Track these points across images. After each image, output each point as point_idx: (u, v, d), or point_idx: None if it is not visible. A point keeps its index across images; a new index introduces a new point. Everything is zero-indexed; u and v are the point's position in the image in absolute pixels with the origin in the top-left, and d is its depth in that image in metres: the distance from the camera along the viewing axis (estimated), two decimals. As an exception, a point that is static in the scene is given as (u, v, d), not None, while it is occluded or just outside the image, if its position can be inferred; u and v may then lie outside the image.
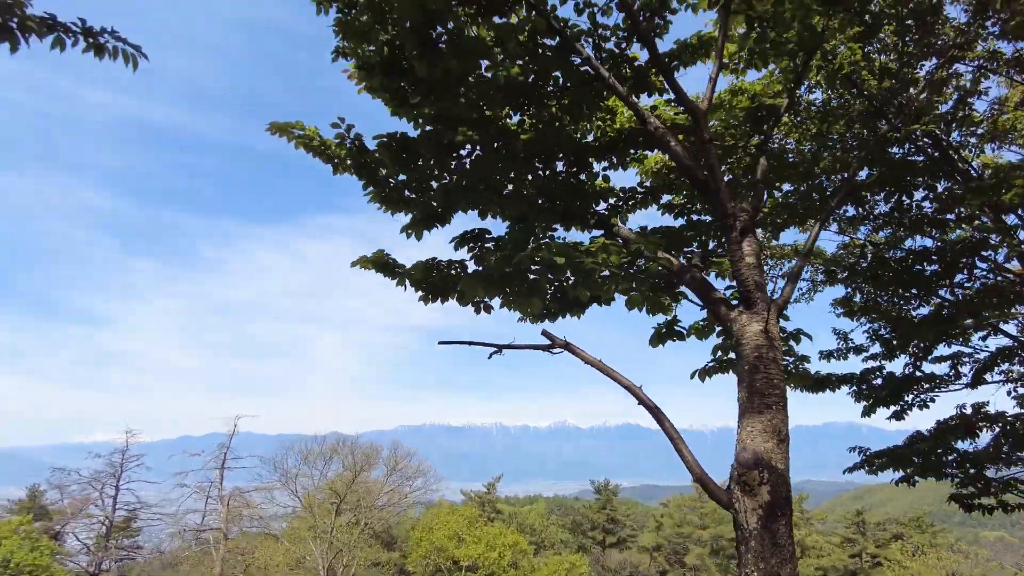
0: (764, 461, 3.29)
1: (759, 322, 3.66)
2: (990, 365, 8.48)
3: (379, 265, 7.43)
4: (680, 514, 51.24)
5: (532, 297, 5.25)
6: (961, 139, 9.09)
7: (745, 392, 3.60)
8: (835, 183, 7.09)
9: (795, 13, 4.63)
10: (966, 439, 8.22)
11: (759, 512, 3.22)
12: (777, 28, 4.79)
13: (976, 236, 7.21)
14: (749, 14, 4.71)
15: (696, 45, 6.52)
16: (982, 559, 25.09)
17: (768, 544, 3.16)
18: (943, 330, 7.68)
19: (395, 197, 7.37)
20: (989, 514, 8.26)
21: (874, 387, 8.85)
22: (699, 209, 7.46)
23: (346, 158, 7.41)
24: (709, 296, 4.24)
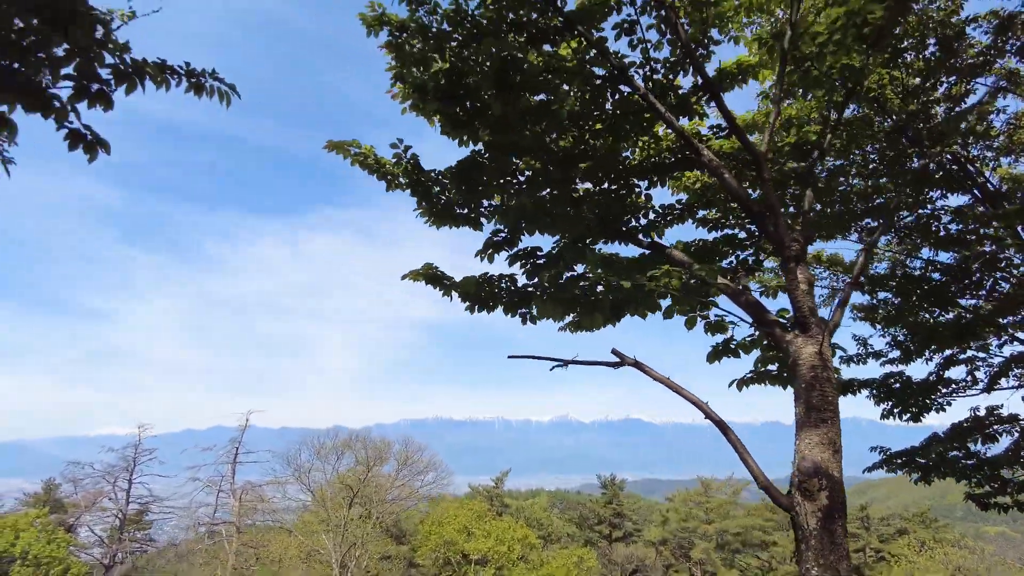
0: (822, 470, 3.75)
1: (814, 344, 4.12)
2: (1005, 371, 8.95)
3: (429, 278, 7.89)
4: (685, 508, 51.79)
5: (595, 313, 5.69)
6: (979, 152, 9.50)
7: (802, 407, 4.06)
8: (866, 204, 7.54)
9: (837, 56, 5.05)
10: (984, 443, 8.68)
11: (818, 515, 3.68)
12: (819, 66, 5.21)
13: (997, 251, 7.63)
14: (795, 54, 5.12)
15: (735, 72, 6.97)
16: (987, 554, 25.61)
17: (827, 543, 3.62)
18: (963, 338, 8.13)
19: (445, 213, 7.82)
20: (1004, 512, 8.77)
21: (894, 391, 9.31)
22: (732, 223, 7.90)
23: (400, 176, 7.86)
24: (764, 318, 4.69)
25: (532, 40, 6.78)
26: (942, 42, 7.72)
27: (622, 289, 4.94)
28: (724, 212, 7.78)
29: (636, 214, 7.32)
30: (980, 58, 8.13)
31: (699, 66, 5.98)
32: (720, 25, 6.52)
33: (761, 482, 4.12)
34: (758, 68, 6.94)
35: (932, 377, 9.21)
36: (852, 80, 5.14)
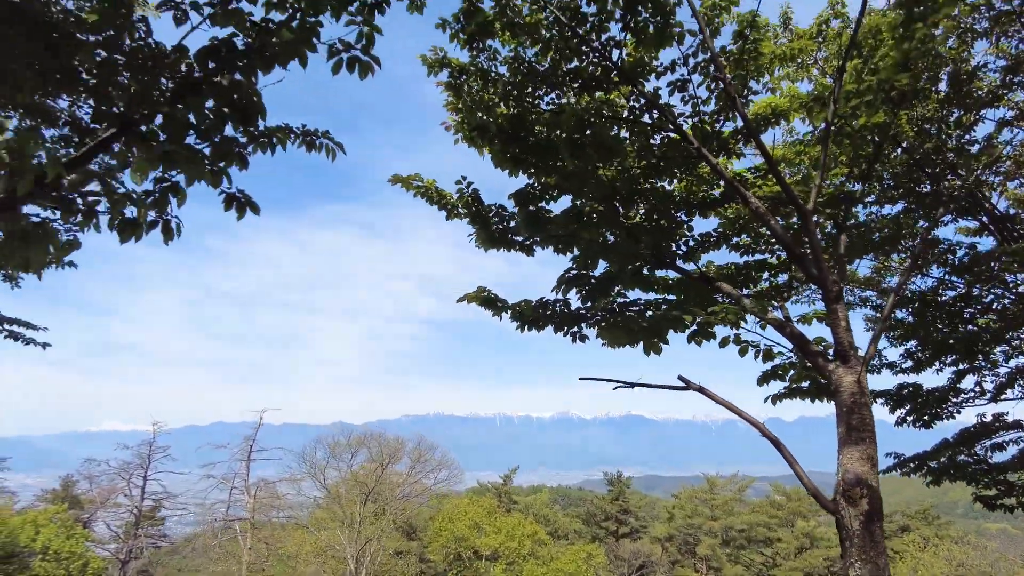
0: (863, 480, 4.54)
1: (853, 375, 4.91)
2: (1011, 382, 9.76)
3: (483, 300, 8.72)
4: (691, 505, 52.63)
5: (654, 338, 6.48)
6: (986, 178, 10.26)
7: (844, 428, 4.85)
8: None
9: (868, 115, 5.83)
10: (992, 450, 9.50)
11: (860, 518, 4.48)
12: (851, 124, 5.99)
13: (1004, 274, 8.42)
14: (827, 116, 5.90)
15: (770, 115, 7.75)
16: (989, 551, 26.47)
17: (868, 541, 4.41)
18: (972, 352, 8.93)
19: (500, 240, 8.62)
20: (1010, 512, 9.61)
21: (907, 400, 10.12)
22: (763, 249, 8.70)
23: (459, 206, 8.67)
24: (808, 349, 5.49)
25: (586, 87, 7.58)
26: (953, 79, 8.46)
27: (681, 322, 5.74)
28: (755, 238, 8.57)
29: (678, 241, 8.13)
30: (989, 96, 8.89)
31: (742, 113, 6.75)
32: (758, 74, 7.30)
33: (811, 489, 4.92)
34: (790, 112, 7.74)
35: (944, 387, 10.02)
36: (880, 135, 5.92)
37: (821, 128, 7.53)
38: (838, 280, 5.33)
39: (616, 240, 6.92)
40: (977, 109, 9.15)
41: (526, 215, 7.05)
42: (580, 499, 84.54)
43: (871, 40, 6.71)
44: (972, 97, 9.05)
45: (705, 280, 6.85)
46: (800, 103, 7.37)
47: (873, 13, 7.23)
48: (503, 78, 7.84)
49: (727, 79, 6.25)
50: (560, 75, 7.54)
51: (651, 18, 6.59)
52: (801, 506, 49.01)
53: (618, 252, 6.89)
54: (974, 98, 9.28)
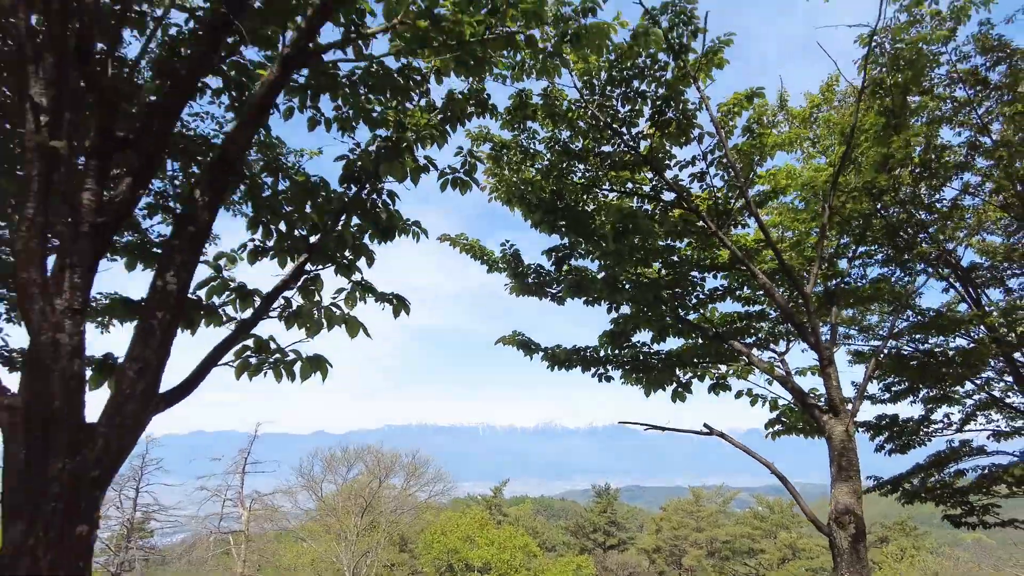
0: (851, 510, 5.91)
1: (843, 424, 6.29)
2: (973, 414, 11.28)
3: (519, 343, 10.03)
4: (677, 517, 53.97)
5: (665, 381, 7.85)
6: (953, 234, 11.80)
7: (835, 468, 6.23)
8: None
9: (854, 206, 7.27)
10: (955, 477, 11.02)
11: (848, 539, 5.84)
12: (842, 213, 7.42)
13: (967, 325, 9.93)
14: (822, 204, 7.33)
15: (772, 193, 9.20)
16: (962, 562, 28.18)
17: (855, 557, 5.77)
18: (941, 379, 10.40)
19: (533, 290, 9.96)
20: (972, 529, 11.08)
21: (883, 428, 11.60)
22: (760, 300, 10.13)
23: (499, 262, 10.00)
24: (806, 401, 6.87)
25: (614, 166, 8.97)
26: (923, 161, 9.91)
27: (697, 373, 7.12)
28: (754, 290, 10.00)
29: (691, 294, 9.55)
30: (955, 169, 10.41)
31: (746, 194, 8.16)
32: (762, 159, 8.74)
33: (809, 515, 6.28)
34: (787, 189, 9.20)
35: (919, 418, 11.52)
36: (864, 224, 7.34)
37: (813, 204, 9.03)
38: (830, 347, 6.73)
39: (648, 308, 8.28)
40: (946, 179, 10.66)
41: (570, 283, 8.39)
42: (563, 510, 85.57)
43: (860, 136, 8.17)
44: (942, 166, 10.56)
45: (719, 338, 8.23)
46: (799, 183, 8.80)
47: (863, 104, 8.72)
48: (541, 155, 9.21)
49: (737, 171, 7.64)
50: (592, 157, 8.93)
51: (676, 117, 7.98)
52: (784, 518, 50.71)
53: (650, 321, 8.25)
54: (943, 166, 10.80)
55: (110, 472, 3.18)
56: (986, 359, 10.06)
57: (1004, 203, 10.31)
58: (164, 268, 3.43)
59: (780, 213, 10.03)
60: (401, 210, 5.29)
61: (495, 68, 6.03)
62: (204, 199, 3.61)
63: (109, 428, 3.11)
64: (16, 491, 3.01)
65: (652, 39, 6.41)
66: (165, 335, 3.31)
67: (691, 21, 7.58)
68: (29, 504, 2.95)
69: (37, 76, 3.28)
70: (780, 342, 9.15)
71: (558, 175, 8.71)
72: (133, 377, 3.17)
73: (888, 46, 7.44)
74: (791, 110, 10.11)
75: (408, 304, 4.86)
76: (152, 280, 3.46)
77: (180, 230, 3.54)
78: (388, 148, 4.99)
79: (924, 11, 8.68)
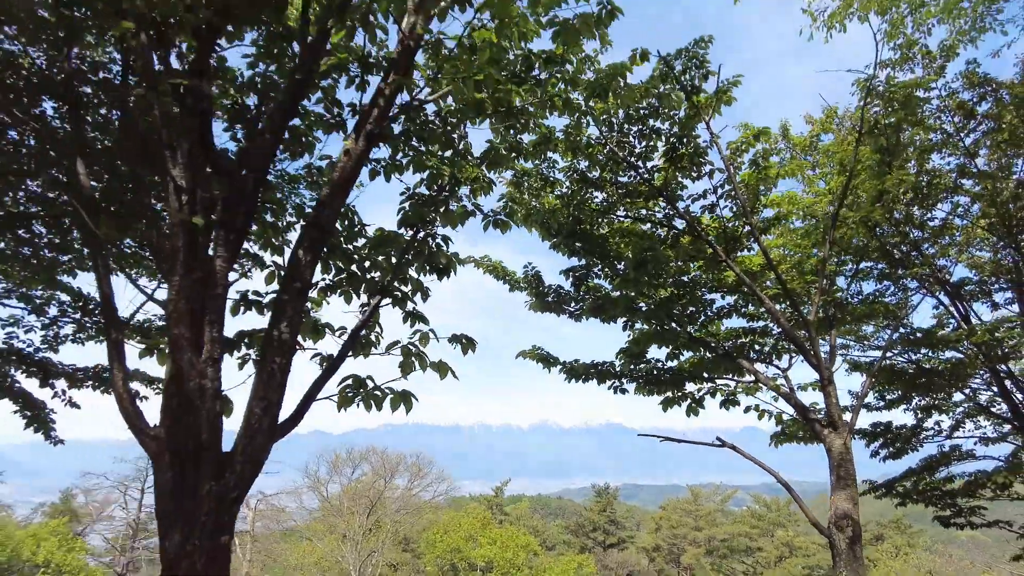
0: (848, 514, 6.65)
1: (841, 438, 7.02)
2: (962, 421, 12.06)
3: (539, 358, 10.72)
4: (676, 516, 54.81)
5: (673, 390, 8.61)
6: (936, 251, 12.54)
7: (835, 477, 6.96)
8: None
9: (851, 235, 8.00)
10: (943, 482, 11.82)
11: (846, 541, 6.58)
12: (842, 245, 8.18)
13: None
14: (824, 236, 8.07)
15: (775, 219, 9.93)
16: (956, 559, 29.06)
17: (852, 557, 6.52)
18: (933, 387, 11.17)
19: (552, 307, 10.67)
20: (961, 529, 11.88)
21: (878, 435, 12.37)
22: (763, 316, 10.87)
23: (521, 282, 10.70)
24: (808, 416, 7.60)
25: (629, 195, 9.69)
26: (915, 186, 10.64)
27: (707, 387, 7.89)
28: (757, 310, 10.74)
29: (702, 313, 10.29)
30: (945, 192, 11.16)
31: (752, 223, 8.89)
32: (767, 187, 9.48)
33: (811, 519, 7.01)
34: (789, 214, 9.94)
35: (912, 425, 12.30)
36: (859, 254, 8.08)
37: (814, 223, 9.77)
38: (829, 366, 7.46)
39: (661, 326, 9.03)
40: (937, 200, 11.41)
41: (592, 305, 9.10)
42: (560, 508, 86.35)
43: (858, 166, 8.90)
44: (933, 189, 11.32)
45: (729, 357, 8.97)
46: (801, 206, 9.53)
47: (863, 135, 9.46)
48: (560, 182, 9.91)
49: (744, 202, 8.38)
50: (609, 185, 9.64)
51: (688, 152, 8.70)
52: (781, 516, 51.61)
53: (664, 338, 8.99)
54: (934, 189, 11.56)
55: (244, 493, 3.87)
56: (973, 372, 10.84)
57: (990, 225, 11.07)
58: (277, 320, 4.13)
59: (782, 235, 10.77)
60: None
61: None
62: (306, 259, 4.30)
63: (244, 456, 3.81)
64: (169, 508, 3.71)
65: (674, 100, 7.12)
66: (283, 377, 4.01)
67: (703, 65, 8.32)
68: (184, 518, 3.64)
69: (175, 161, 3.97)
70: (783, 357, 9.90)
71: (578, 203, 9.42)
72: (259, 414, 3.87)
73: (882, 89, 8.16)
74: (792, 138, 10.86)
75: (475, 343, 5.52)
76: (267, 330, 4.15)
77: (287, 286, 4.24)
78: (444, 199, 5.69)
79: (916, 51, 9.43)
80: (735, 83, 8.52)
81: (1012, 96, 10.24)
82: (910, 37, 9.23)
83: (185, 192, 3.90)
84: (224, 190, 4.15)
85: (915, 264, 10.30)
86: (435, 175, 5.82)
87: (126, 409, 4.01)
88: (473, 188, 5.86)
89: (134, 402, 4.04)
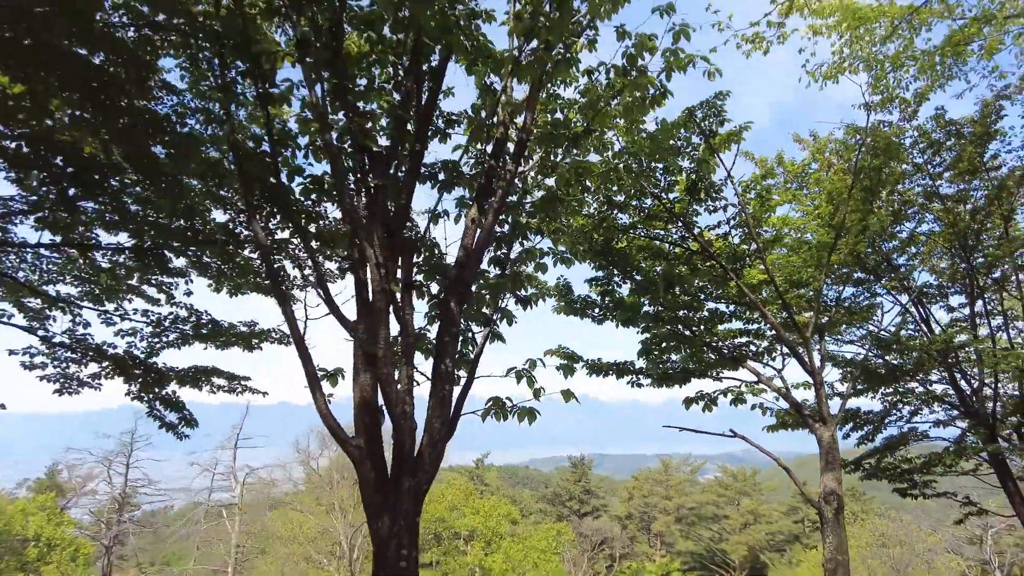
0: (834, 492, 8.52)
1: (830, 431, 8.86)
2: (919, 408, 14.22)
3: (564, 356, 12.31)
4: (648, 486, 57.77)
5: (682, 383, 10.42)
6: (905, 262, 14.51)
7: (824, 461, 8.82)
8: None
9: (837, 260, 9.80)
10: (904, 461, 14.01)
11: (832, 511, 8.45)
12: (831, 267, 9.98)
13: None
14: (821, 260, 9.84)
15: (775, 238, 11.65)
16: (905, 523, 32.20)
17: (836, 524, 8.41)
18: (895, 379, 13.24)
19: (578, 311, 12.26)
20: (915, 499, 14.11)
21: (849, 419, 14.49)
22: (758, 320, 12.67)
23: (552, 291, 12.25)
24: (800, 411, 9.44)
25: (650, 217, 11.27)
26: (888, 203, 12.48)
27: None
28: (756, 316, 12.53)
29: (705, 321, 12.04)
30: (915, 211, 13.06)
31: (759, 245, 10.60)
32: (770, 211, 11.18)
33: (806, 496, 8.89)
34: (784, 237, 11.68)
35: (880, 411, 14.44)
36: (845, 277, 9.89)
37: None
38: (820, 372, 9.28)
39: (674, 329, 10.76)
40: (905, 218, 13.32)
41: (622, 317, 10.74)
42: (527, 478, 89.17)
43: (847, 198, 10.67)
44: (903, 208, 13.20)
45: (736, 360, 10.76)
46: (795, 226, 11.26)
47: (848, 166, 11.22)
48: (588, 203, 11.43)
49: (752, 229, 10.09)
50: (632, 208, 11.22)
51: (704, 186, 10.31)
52: (746, 486, 54.93)
53: (681, 339, 10.72)
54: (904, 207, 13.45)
55: (429, 486, 5.42)
56: (931, 368, 12.93)
57: (948, 241, 13.04)
58: (441, 357, 5.63)
59: (779, 257, 12.56)
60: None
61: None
62: (457, 310, 5.80)
63: (429, 460, 5.36)
64: (375, 499, 5.23)
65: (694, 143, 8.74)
66: (450, 400, 5.54)
67: (720, 114, 9.90)
68: (390, 508, 5.16)
69: (372, 241, 5.40)
70: (778, 359, 11.73)
71: (608, 226, 10.98)
72: (438, 427, 5.40)
73: (869, 140, 9.91)
74: (787, 165, 12.56)
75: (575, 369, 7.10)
76: (434, 366, 5.65)
77: (445, 331, 5.74)
78: (533, 249, 7.23)
79: (896, 100, 11.16)
80: (746, 127, 10.14)
81: (972, 134, 12.10)
82: (891, 88, 10.95)
83: (381, 265, 5.33)
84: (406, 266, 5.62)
85: (887, 271, 12.24)
86: (523, 226, 7.34)
87: (330, 425, 5.49)
88: (556, 243, 7.42)
89: (335, 419, 5.49)
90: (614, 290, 11.51)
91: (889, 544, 30.81)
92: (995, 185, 11.85)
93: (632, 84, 6.11)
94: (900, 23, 10.64)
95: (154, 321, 8.81)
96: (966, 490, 15.08)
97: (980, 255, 13.08)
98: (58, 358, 8.88)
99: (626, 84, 6.24)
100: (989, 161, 12.19)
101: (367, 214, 5.39)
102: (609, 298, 11.40)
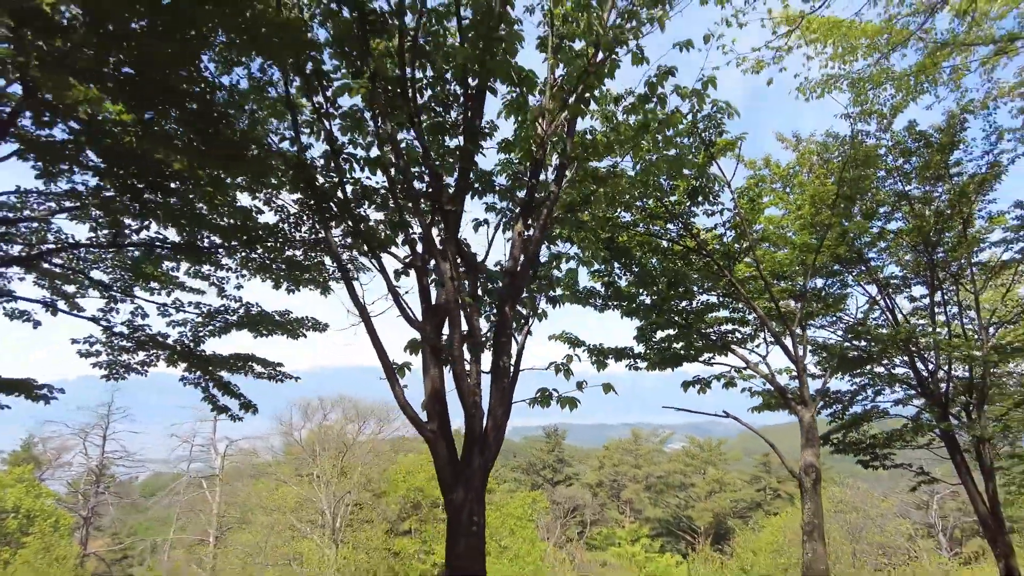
0: (813, 465, 9.89)
1: (809, 412, 10.21)
2: (882, 389, 15.83)
3: (568, 340, 13.42)
4: (618, 455, 60.03)
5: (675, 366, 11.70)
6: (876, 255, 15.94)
7: (804, 439, 10.17)
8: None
9: (820, 260, 11.08)
10: (870, 437, 15.67)
11: (811, 483, 9.83)
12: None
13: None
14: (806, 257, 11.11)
15: (762, 237, 12.87)
16: (861, 491, 34.70)
17: (813, 494, 9.80)
18: (863, 363, 14.82)
19: (582, 300, 13.35)
20: (875, 470, 15.84)
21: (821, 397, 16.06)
22: (743, 310, 13.96)
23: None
24: (784, 394, 10.76)
25: (650, 216, 12.36)
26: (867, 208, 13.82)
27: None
28: (740, 305, 13.81)
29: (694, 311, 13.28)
30: (885, 208, 14.43)
31: (747, 240, 11.80)
32: (760, 213, 12.37)
33: (789, 469, 10.25)
34: (772, 234, 12.92)
35: (850, 391, 16.06)
36: (821, 270, 11.19)
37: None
38: (802, 359, 10.59)
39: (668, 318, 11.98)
40: (876, 216, 14.70)
41: (626, 309, 11.87)
42: (529, 452, 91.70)
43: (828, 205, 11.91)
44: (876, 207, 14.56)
45: (726, 347, 12.03)
46: (777, 226, 12.52)
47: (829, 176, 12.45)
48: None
49: (745, 230, 11.28)
50: (635, 207, 12.27)
51: (703, 191, 11.42)
52: (712, 456, 57.53)
53: (669, 326, 11.94)
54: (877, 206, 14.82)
55: (492, 464, 6.49)
56: (895, 354, 14.48)
57: (912, 237, 14.47)
58: (498, 355, 6.67)
59: (765, 253, 13.82)
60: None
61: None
62: (511, 313, 6.82)
63: (493, 441, 6.43)
64: (449, 475, 6.29)
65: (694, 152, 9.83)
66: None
67: (719, 126, 10.97)
68: (463, 481, 6.23)
69: (447, 258, 6.37)
70: (762, 346, 13.07)
71: (613, 225, 12.04)
72: (500, 415, 6.46)
73: (850, 151, 11.13)
74: (774, 167, 13.75)
75: (607, 363, 8.21)
76: (493, 362, 6.68)
77: (502, 331, 6.76)
78: (556, 255, 8.26)
79: (874, 114, 12.39)
80: (741, 138, 11.24)
81: (938, 142, 13.44)
82: (872, 102, 12.18)
83: (453, 280, 6.30)
84: (472, 282, 6.62)
85: (858, 263, 13.66)
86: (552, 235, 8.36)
87: (409, 415, 6.51)
88: (586, 258, 8.49)
89: (412, 409, 6.49)
90: (615, 281, 12.63)
91: (846, 510, 33.29)
92: (957, 190, 13.25)
93: (664, 122, 7.14)
94: (878, 39, 11.84)
95: (206, 312, 9.63)
96: (918, 461, 16.89)
97: (941, 251, 14.55)
98: (113, 346, 9.65)
99: (656, 119, 7.27)
100: (952, 167, 13.59)
101: (444, 238, 6.37)
102: (611, 288, 12.52)
